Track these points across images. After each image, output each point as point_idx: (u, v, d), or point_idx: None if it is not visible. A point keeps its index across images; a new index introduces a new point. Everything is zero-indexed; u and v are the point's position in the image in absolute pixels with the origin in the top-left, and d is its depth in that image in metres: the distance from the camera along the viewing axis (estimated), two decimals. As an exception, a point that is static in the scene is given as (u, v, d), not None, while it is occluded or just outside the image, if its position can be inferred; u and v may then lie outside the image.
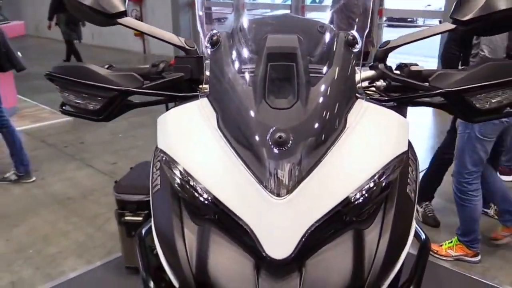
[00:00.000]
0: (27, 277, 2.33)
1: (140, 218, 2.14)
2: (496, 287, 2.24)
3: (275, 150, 0.78)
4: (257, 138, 0.80)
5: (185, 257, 0.81)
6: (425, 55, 7.07)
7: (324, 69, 0.92)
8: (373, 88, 1.11)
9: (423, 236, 1.02)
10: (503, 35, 2.25)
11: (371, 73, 1.12)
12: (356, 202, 0.80)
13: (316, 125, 0.82)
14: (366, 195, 0.81)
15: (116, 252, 2.43)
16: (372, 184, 0.82)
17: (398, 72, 1.12)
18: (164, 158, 0.89)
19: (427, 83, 1.01)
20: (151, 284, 0.91)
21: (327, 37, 1.02)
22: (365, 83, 1.14)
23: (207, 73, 1.02)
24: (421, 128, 4.69)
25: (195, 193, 0.81)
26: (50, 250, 2.57)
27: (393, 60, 1.12)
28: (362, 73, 1.11)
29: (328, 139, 0.83)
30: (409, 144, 1.05)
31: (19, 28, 5.17)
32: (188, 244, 0.83)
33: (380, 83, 1.09)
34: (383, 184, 0.83)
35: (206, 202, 0.80)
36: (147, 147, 3.80)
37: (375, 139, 0.88)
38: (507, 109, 1.03)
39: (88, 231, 2.77)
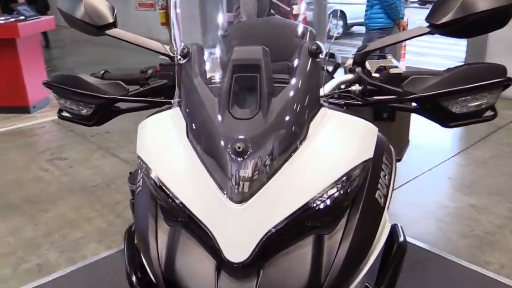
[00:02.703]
0: (53, 260, 2.52)
1: (152, 208, 2.27)
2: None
3: (235, 159, 0.83)
4: (219, 148, 0.85)
5: (156, 255, 0.89)
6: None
7: (288, 79, 0.96)
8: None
9: (401, 238, 1.03)
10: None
11: (348, 77, 1.15)
12: (316, 208, 0.84)
13: (276, 135, 0.85)
14: (327, 201, 0.84)
15: (133, 238, 2.59)
16: (332, 191, 0.85)
17: (377, 75, 1.15)
18: (141, 164, 0.97)
19: (401, 88, 1.03)
20: (133, 278, 0.98)
21: (293, 46, 1.05)
22: (343, 87, 1.18)
23: None
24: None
25: (167, 198, 0.89)
26: (75, 235, 2.76)
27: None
28: (341, 78, 1.15)
29: (288, 148, 0.86)
30: (384, 149, 1.08)
31: (49, 22, 5.39)
32: (160, 244, 0.90)
33: (356, 87, 1.12)
34: (345, 190, 0.86)
35: (175, 206, 0.88)
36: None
37: (336, 147, 0.91)
38: (488, 112, 1.04)
39: (109, 218, 2.94)
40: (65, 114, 1.20)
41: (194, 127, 0.93)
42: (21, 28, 4.81)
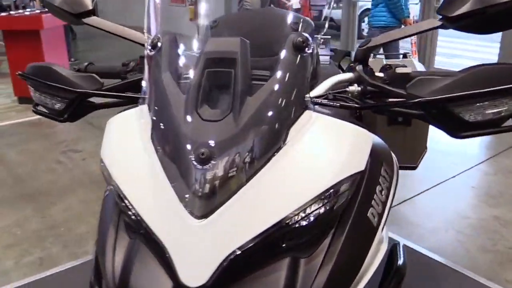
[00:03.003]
0: (55, 254, 2.49)
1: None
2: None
3: (198, 168, 0.72)
4: (182, 153, 0.75)
5: (111, 269, 0.80)
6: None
7: (268, 76, 0.84)
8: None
9: (400, 261, 0.93)
10: None
11: (347, 76, 1.02)
12: (292, 227, 0.73)
13: (247, 140, 0.75)
14: (307, 219, 0.74)
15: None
16: (313, 208, 0.74)
17: (381, 74, 1.02)
18: (103, 167, 0.89)
19: (405, 90, 0.90)
20: None
21: (279, 39, 0.92)
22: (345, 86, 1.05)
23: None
24: None
25: (126, 208, 0.80)
26: (80, 229, 2.73)
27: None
28: (337, 77, 1.03)
29: (261, 156, 0.75)
30: (383, 159, 0.96)
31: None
32: (117, 257, 0.81)
33: (354, 87, 0.99)
34: (330, 206, 0.76)
35: (133, 218, 0.79)
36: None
37: (319, 156, 0.79)
38: (509, 122, 0.89)
39: (115, 213, 2.90)
40: (40, 108, 1.13)
41: (158, 129, 0.82)
42: (45, 19, 4.85)
